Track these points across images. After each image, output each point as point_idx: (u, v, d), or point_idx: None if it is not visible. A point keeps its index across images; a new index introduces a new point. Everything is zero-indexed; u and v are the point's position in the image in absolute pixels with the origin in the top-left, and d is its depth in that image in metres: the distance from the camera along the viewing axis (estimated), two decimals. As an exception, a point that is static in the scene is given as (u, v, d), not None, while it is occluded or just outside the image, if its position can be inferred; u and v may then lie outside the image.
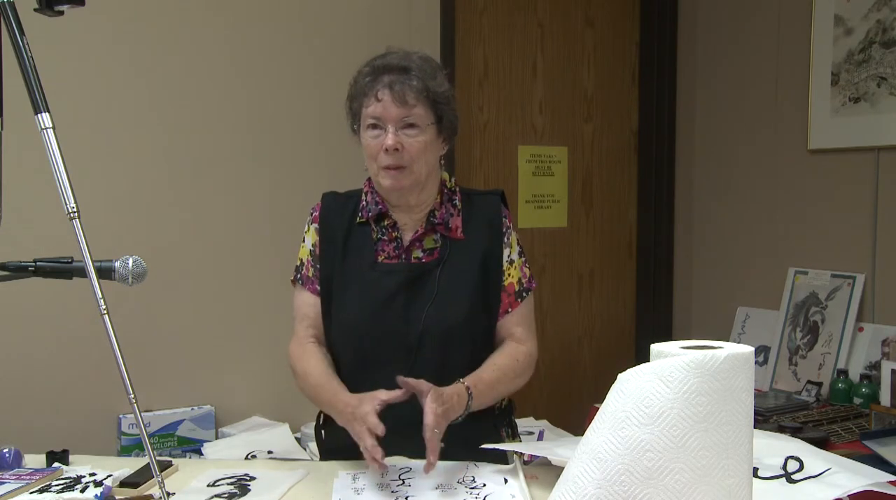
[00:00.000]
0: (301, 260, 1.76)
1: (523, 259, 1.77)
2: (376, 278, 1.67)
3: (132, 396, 1.15)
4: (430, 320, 1.64)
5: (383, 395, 1.50)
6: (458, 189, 1.77)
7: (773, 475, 1.35)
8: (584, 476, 0.97)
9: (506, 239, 1.74)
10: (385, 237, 1.71)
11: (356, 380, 1.68)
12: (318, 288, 1.72)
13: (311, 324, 1.73)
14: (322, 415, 1.81)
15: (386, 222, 1.71)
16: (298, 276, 1.76)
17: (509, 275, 1.73)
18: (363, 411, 1.47)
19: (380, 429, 1.43)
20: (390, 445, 1.56)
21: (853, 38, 2.92)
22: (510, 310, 1.73)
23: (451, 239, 1.71)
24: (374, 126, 1.63)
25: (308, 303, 1.73)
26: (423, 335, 1.64)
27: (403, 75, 1.62)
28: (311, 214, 1.77)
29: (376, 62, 1.66)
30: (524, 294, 1.74)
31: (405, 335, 1.64)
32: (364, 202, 1.73)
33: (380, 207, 1.71)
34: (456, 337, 1.66)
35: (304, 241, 1.77)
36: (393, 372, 1.64)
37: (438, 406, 1.45)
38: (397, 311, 1.65)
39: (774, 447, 1.43)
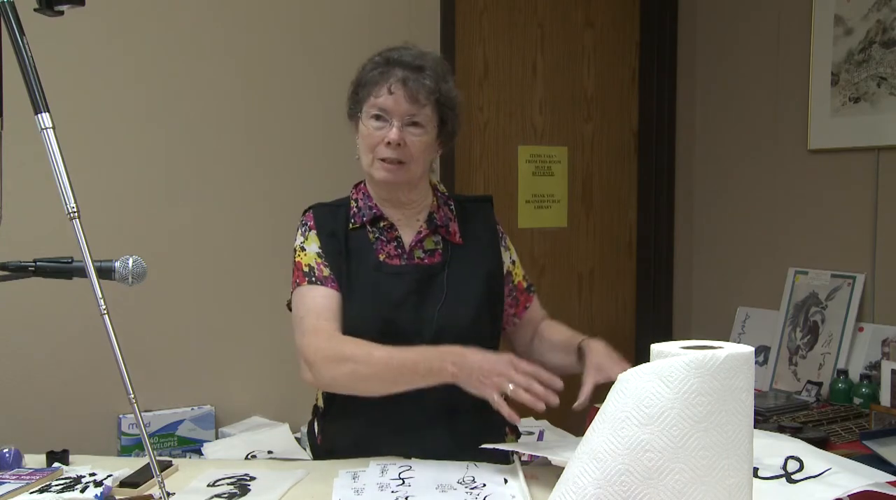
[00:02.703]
0: (310, 265, 1.67)
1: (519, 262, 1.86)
2: (384, 280, 1.66)
3: (132, 396, 1.15)
4: (443, 320, 1.64)
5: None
6: (449, 195, 1.80)
7: (773, 475, 1.35)
8: (584, 476, 0.97)
9: (503, 243, 1.80)
10: (384, 237, 1.70)
11: None
12: (338, 285, 1.66)
13: (333, 317, 1.63)
14: (318, 415, 1.79)
15: (382, 224, 1.71)
16: (313, 278, 1.66)
17: (515, 274, 1.81)
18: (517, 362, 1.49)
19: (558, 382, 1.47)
20: (390, 445, 1.56)
21: (853, 38, 2.92)
22: (528, 305, 1.82)
23: (451, 243, 1.72)
24: (379, 117, 1.62)
25: (328, 296, 1.64)
26: (439, 334, 1.63)
27: (418, 73, 1.61)
28: (307, 225, 1.72)
29: (391, 54, 1.65)
30: (532, 289, 1.84)
31: (421, 335, 1.63)
32: (355, 208, 1.72)
33: (374, 211, 1.70)
34: (469, 337, 1.63)
35: (303, 249, 1.70)
36: None
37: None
38: (410, 312, 1.65)
39: (774, 447, 1.43)
